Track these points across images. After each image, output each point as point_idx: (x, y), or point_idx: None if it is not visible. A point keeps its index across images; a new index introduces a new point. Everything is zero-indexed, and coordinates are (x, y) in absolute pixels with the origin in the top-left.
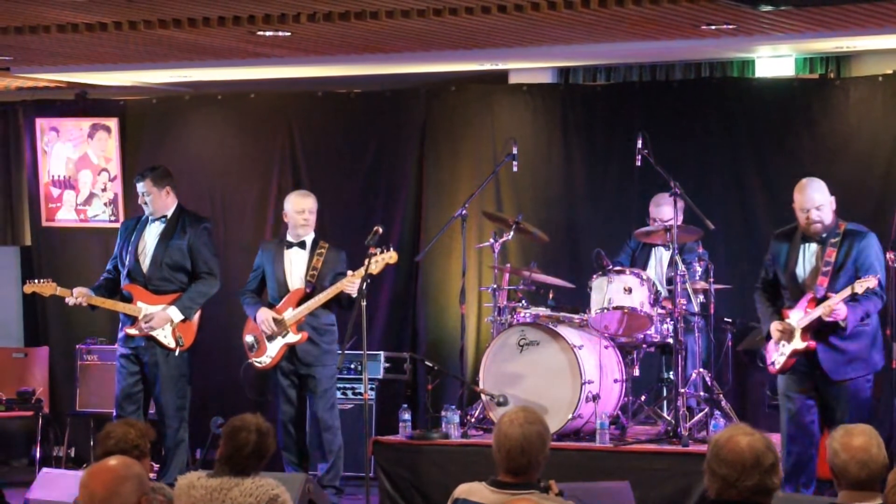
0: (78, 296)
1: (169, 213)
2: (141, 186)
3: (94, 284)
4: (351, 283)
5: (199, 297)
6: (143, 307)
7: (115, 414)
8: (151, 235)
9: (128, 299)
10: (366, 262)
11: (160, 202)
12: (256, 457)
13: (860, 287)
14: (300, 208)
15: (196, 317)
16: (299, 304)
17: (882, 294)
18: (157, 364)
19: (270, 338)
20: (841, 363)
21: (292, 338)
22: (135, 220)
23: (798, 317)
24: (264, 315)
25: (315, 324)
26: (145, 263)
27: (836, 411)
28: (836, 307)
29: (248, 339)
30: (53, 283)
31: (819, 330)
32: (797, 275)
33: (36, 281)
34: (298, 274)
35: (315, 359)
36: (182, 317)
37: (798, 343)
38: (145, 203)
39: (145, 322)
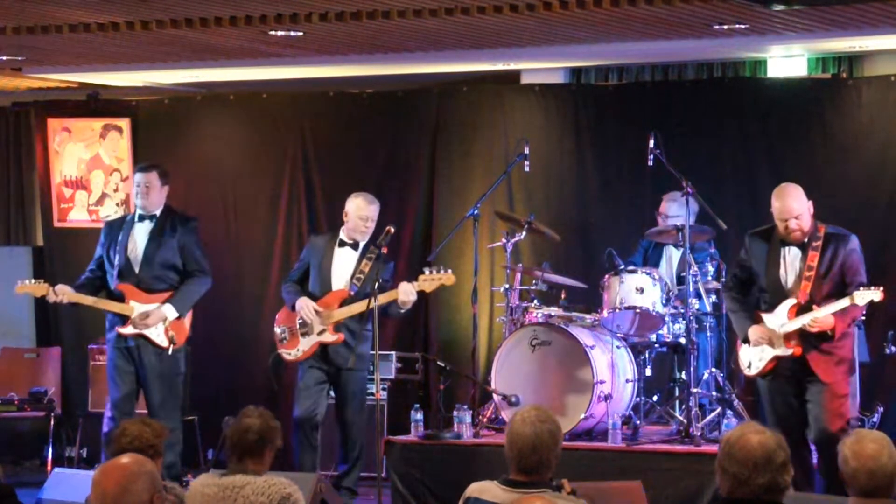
0: (60, 293)
1: (157, 213)
2: (143, 177)
3: (76, 283)
4: (407, 295)
5: (194, 295)
6: (136, 306)
7: (108, 415)
8: (141, 234)
9: (119, 299)
10: (421, 277)
11: (156, 197)
12: (258, 437)
13: (861, 299)
14: (364, 216)
15: (189, 315)
16: (341, 305)
17: None
18: (150, 364)
19: (305, 333)
20: (831, 364)
21: (328, 337)
22: (119, 220)
23: (779, 322)
24: (305, 303)
25: (353, 327)
26: (136, 262)
27: (816, 408)
28: (824, 319)
29: (279, 329)
30: (46, 283)
31: (807, 336)
32: (780, 279)
33: (28, 281)
34: (344, 274)
35: (346, 362)
36: (177, 314)
37: (782, 350)
38: (142, 194)
39: (140, 320)
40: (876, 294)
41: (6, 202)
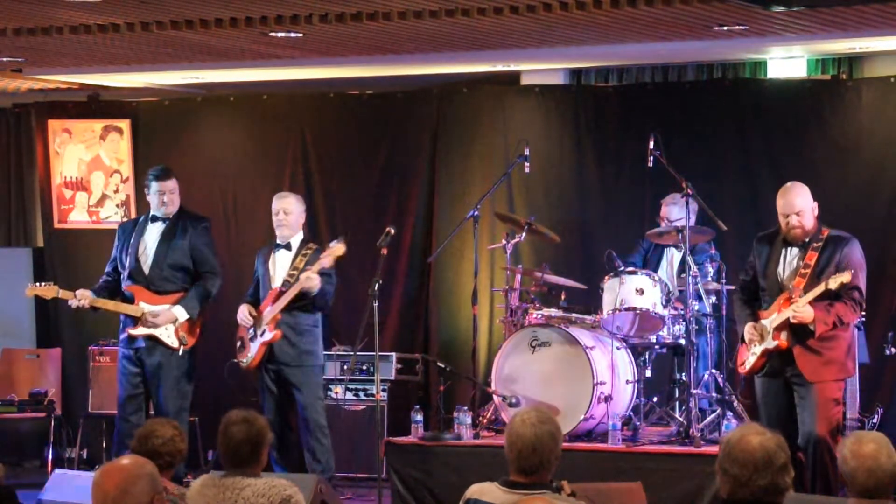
0: (81, 297)
1: (172, 214)
2: (165, 185)
3: (94, 286)
4: (309, 281)
5: (206, 296)
6: (145, 307)
7: (118, 415)
8: (152, 236)
9: (129, 300)
10: (321, 257)
11: (177, 201)
12: (250, 446)
13: (833, 282)
14: (275, 209)
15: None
16: (274, 303)
17: (861, 302)
18: (160, 365)
19: (252, 338)
20: (818, 364)
21: (267, 336)
22: (132, 223)
23: (772, 317)
24: (241, 309)
25: (292, 323)
26: (146, 264)
27: (805, 411)
28: (803, 309)
29: (238, 341)
30: (55, 285)
31: (795, 331)
32: (777, 276)
33: (38, 284)
34: (282, 274)
35: (291, 358)
36: (187, 316)
37: (769, 342)
38: (167, 202)
39: (151, 318)
40: (846, 276)
41: (6, 203)
